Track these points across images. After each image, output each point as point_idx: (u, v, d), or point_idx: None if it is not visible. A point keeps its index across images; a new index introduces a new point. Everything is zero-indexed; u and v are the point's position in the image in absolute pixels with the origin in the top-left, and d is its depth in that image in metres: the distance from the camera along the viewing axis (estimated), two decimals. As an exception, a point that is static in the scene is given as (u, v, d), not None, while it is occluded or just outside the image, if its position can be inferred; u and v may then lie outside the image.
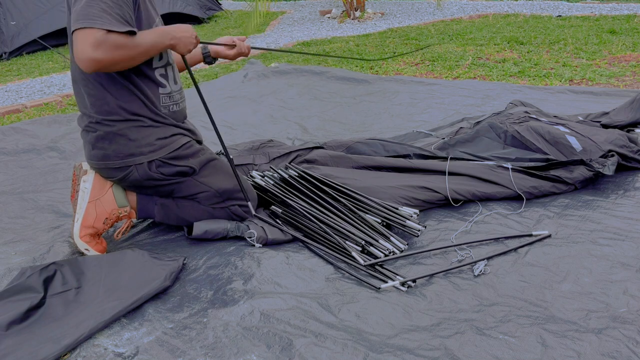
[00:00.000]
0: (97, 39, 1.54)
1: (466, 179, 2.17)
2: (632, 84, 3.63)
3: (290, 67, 4.48)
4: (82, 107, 1.86)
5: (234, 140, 3.02)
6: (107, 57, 1.57)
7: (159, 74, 1.85)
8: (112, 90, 1.77)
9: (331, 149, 2.53)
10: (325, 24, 7.36)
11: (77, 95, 1.86)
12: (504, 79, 3.96)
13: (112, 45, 1.57)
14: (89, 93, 1.79)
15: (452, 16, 7.05)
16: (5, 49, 6.34)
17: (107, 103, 1.78)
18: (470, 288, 1.59)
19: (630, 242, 1.75)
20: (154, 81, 1.84)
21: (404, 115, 3.27)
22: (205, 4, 8.43)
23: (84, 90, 1.81)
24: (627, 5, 6.84)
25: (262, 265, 1.76)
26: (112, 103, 1.78)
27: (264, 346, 1.41)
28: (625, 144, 2.27)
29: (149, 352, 1.42)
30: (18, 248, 1.99)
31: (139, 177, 1.86)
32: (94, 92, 1.78)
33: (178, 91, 1.94)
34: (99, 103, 1.79)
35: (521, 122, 2.50)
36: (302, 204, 2.02)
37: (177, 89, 1.94)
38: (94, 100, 1.79)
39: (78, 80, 1.82)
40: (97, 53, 1.55)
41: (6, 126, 3.44)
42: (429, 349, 1.36)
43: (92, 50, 1.54)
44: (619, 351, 1.31)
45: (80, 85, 1.81)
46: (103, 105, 1.79)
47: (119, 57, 1.61)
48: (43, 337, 1.45)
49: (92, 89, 1.78)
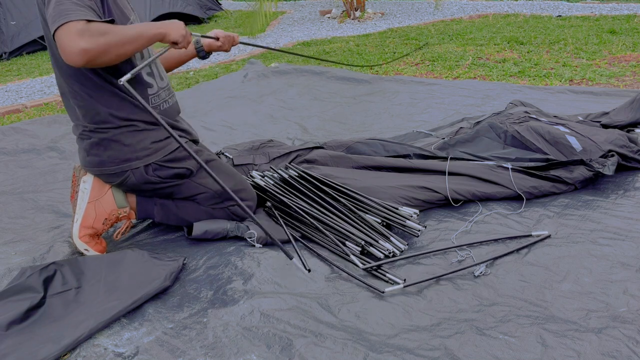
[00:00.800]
0: (79, 29, 1.46)
1: (466, 179, 2.17)
2: (632, 84, 3.63)
3: (290, 67, 4.48)
4: (74, 119, 1.84)
5: (234, 140, 3.02)
6: (94, 45, 1.48)
7: (146, 73, 1.83)
8: (101, 99, 1.74)
9: (331, 149, 2.53)
10: (325, 24, 7.36)
11: (68, 108, 1.83)
12: (504, 79, 3.96)
13: (97, 32, 1.49)
14: (79, 105, 1.77)
15: (452, 16, 7.05)
16: (5, 49, 6.34)
17: (98, 113, 1.76)
18: (470, 288, 1.59)
19: (630, 242, 1.75)
20: (141, 83, 1.80)
21: (404, 115, 3.27)
22: (205, 4, 8.43)
23: (73, 102, 1.78)
24: (627, 5, 6.84)
25: (262, 265, 1.76)
26: (102, 112, 1.76)
27: (264, 346, 1.41)
28: (625, 144, 2.27)
29: (149, 352, 1.42)
30: (18, 248, 1.99)
31: (136, 182, 1.85)
32: (83, 103, 1.75)
33: (165, 88, 1.91)
34: (90, 114, 1.76)
35: (521, 122, 2.50)
36: (302, 204, 2.02)
37: (164, 85, 1.91)
38: (85, 112, 1.77)
39: (66, 93, 1.78)
40: (83, 42, 1.46)
41: (6, 126, 3.44)
42: (429, 349, 1.36)
43: (78, 40, 1.45)
44: (619, 351, 1.31)
45: (69, 97, 1.78)
46: (95, 116, 1.77)
47: (106, 44, 1.50)
48: (43, 337, 1.45)
49: (81, 100, 1.75)
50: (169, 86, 1.95)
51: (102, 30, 1.50)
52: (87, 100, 1.75)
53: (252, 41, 6.06)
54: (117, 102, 1.77)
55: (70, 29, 1.46)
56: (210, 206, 1.96)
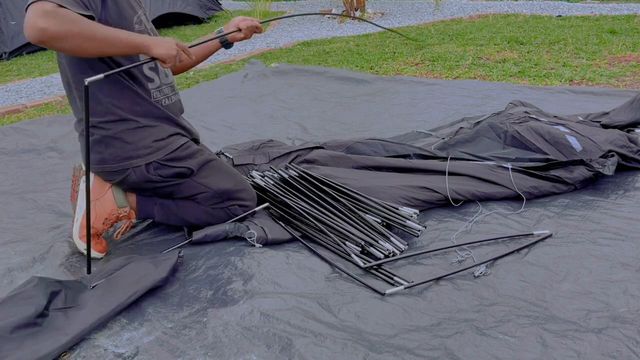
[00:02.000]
0: (46, 9, 1.45)
1: (466, 179, 2.17)
2: (632, 84, 3.63)
3: (290, 67, 4.48)
4: (77, 112, 1.84)
5: (234, 140, 3.02)
6: (53, 27, 1.45)
7: (148, 67, 1.83)
8: (102, 89, 1.74)
9: (331, 149, 2.53)
10: (325, 24, 7.36)
11: (71, 100, 1.84)
12: (504, 79, 3.96)
13: (62, 17, 1.47)
14: (80, 96, 1.77)
15: (452, 16, 7.05)
16: (5, 49, 6.34)
17: (100, 102, 1.76)
18: (470, 288, 1.59)
19: (630, 242, 1.75)
20: (143, 75, 1.81)
21: (404, 115, 3.27)
22: (205, 4, 8.43)
23: (76, 94, 1.78)
24: (627, 5, 6.84)
25: (262, 265, 1.76)
26: (104, 102, 1.76)
27: (263, 346, 1.41)
28: (625, 144, 2.27)
29: (149, 352, 1.42)
30: (18, 248, 1.99)
31: (137, 180, 1.85)
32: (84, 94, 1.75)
33: (169, 84, 1.92)
34: (92, 104, 1.75)
35: (521, 122, 2.50)
36: (302, 204, 2.02)
37: (168, 82, 1.92)
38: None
39: (70, 82, 1.78)
40: (43, 22, 1.44)
41: (6, 126, 3.44)
42: (429, 348, 1.36)
43: (39, 18, 1.44)
44: (619, 351, 1.31)
45: (73, 87, 1.78)
46: (96, 106, 1.76)
47: (67, 31, 1.48)
48: (44, 337, 1.45)
49: (82, 90, 1.73)
50: (174, 84, 1.96)
51: (70, 19, 1.48)
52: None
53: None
54: (119, 92, 1.76)
55: (38, 7, 1.45)
56: (211, 206, 1.96)
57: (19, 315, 1.50)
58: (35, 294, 1.59)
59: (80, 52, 1.57)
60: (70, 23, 1.48)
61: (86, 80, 1.53)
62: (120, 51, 1.62)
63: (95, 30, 1.53)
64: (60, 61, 1.78)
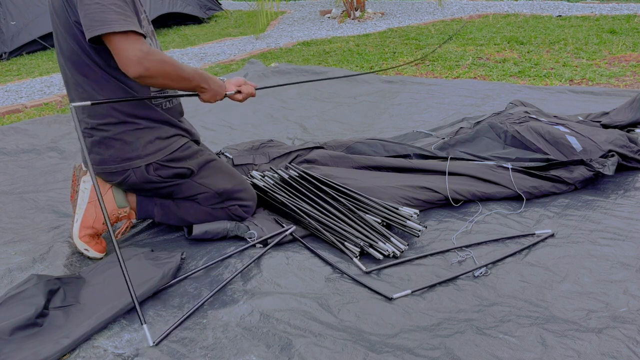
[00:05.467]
0: (144, 50, 1.58)
1: (466, 179, 2.17)
2: (632, 84, 3.63)
3: (290, 67, 4.48)
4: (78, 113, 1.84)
5: (234, 140, 3.02)
6: (153, 68, 1.60)
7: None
8: (102, 91, 1.74)
9: (331, 149, 2.53)
10: (325, 24, 7.36)
11: (71, 101, 1.82)
12: (504, 79, 3.96)
13: (157, 56, 1.61)
14: (80, 97, 1.76)
15: (452, 16, 7.05)
16: (5, 49, 6.34)
17: (100, 105, 1.75)
18: (470, 288, 1.59)
19: (630, 242, 1.75)
20: None
21: (404, 115, 3.26)
22: (205, 4, 8.43)
23: (75, 95, 1.78)
24: (627, 5, 6.84)
25: (262, 265, 1.76)
26: (104, 104, 1.75)
27: (263, 346, 1.41)
28: (625, 144, 2.27)
29: (149, 353, 1.42)
30: (18, 248, 1.99)
31: (137, 181, 1.85)
32: (85, 95, 1.75)
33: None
34: (92, 106, 1.75)
35: (521, 122, 2.50)
36: (302, 204, 2.02)
37: None
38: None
39: (70, 84, 1.78)
40: (146, 61, 1.58)
41: (6, 126, 3.43)
42: (429, 348, 1.36)
43: (142, 58, 1.57)
44: (619, 351, 1.31)
45: (72, 88, 1.78)
46: (97, 108, 1.76)
47: (161, 70, 1.63)
48: (44, 338, 1.45)
49: (82, 92, 1.75)
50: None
51: (163, 59, 1.64)
52: (88, 91, 1.74)
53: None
54: (119, 94, 1.76)
55: (136, 47, 1.57)
56: (211, 206, 1.96)
57: (18, 316, 1.50)
58: (34, 293, 1.59)
59: (164, 87, 1.77)
60: (164, 64, 1.64)
61: (71, 105, 1.63)
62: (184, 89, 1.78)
63: (178, 71, 1.69)
64: (60, 62, 1.78)
